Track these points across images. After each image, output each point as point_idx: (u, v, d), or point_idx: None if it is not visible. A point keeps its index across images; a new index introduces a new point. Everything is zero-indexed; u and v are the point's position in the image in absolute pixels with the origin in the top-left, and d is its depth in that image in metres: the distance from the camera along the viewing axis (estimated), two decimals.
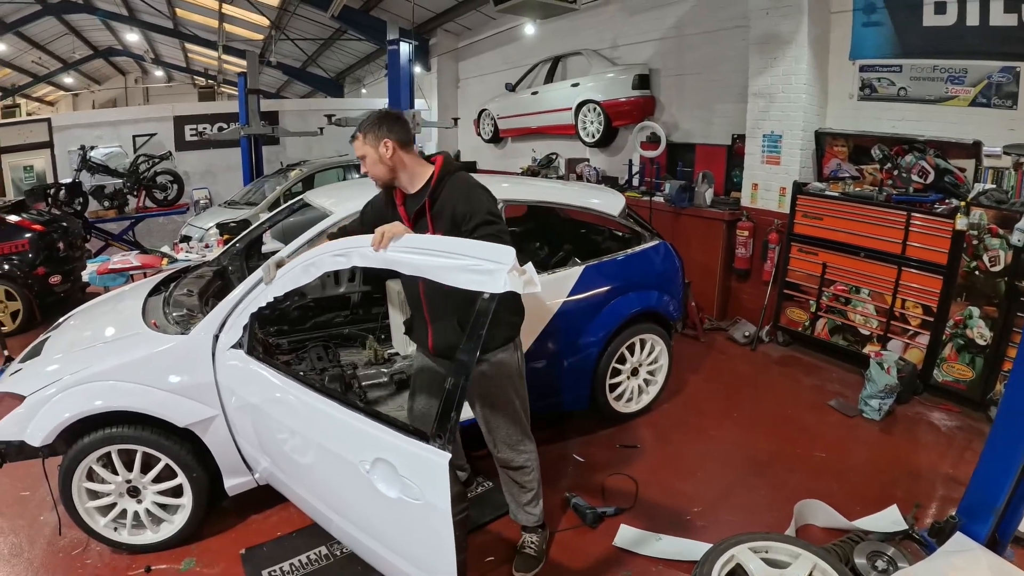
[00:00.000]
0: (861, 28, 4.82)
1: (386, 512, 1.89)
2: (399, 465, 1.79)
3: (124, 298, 3.59)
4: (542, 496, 2.67)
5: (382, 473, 1.85)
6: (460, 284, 1.75)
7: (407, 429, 1.84)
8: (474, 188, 2.32)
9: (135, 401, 2.57)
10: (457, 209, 2.22)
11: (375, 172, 2.32)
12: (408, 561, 1.92)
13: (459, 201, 2.23)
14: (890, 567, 2.40)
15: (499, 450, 2.53)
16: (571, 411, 3.77)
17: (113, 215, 8.88)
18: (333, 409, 2.07)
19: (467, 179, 2.37)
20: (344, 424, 2.00)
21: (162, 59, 20.45)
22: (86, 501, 2.65)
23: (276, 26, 12.55)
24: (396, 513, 1.85)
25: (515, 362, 2.50)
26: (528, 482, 2.59)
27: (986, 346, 3.94)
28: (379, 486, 1.85)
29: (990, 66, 4.14)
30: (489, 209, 2.23)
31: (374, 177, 2.34)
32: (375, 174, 2.32)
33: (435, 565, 1.78)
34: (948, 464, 3.49)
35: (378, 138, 2.26)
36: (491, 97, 9.69)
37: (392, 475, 1.81)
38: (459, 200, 2.24)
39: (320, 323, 4.41)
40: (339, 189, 4.31)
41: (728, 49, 5.99)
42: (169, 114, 11.01)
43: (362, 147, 2.30)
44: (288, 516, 2.98)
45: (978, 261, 3.93)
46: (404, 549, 1.93)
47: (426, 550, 1.82)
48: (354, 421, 1.97)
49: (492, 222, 2.17)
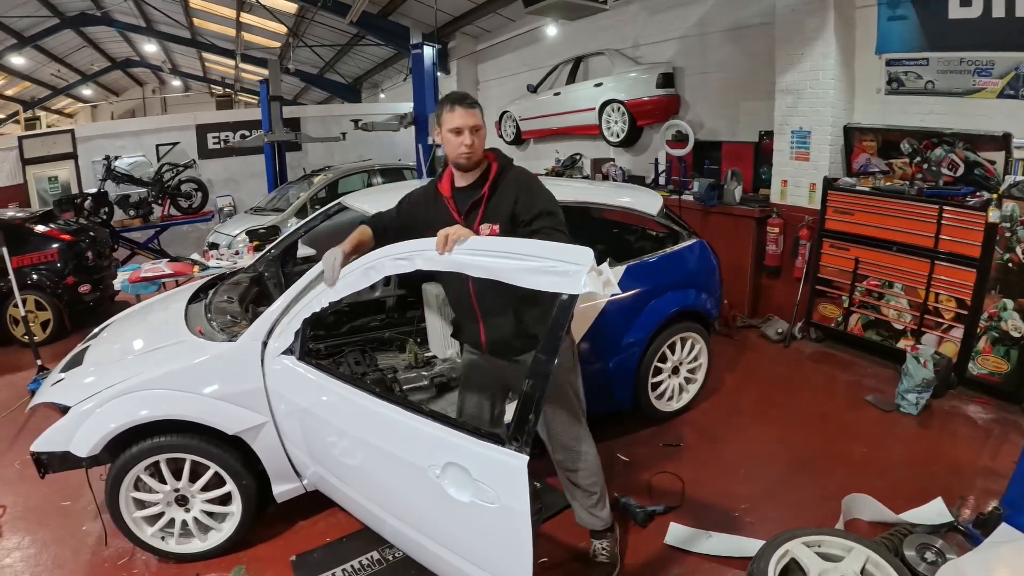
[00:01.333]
0: (886, 22, 4.79)
1: (455, 516, 1.90)
2: (473, 469, 1.80)
3: (163, 306, 3.63)
4: (608, 497, 2.57)
5: (454, 477, 1.86)
6: (536, 286, 1.74)
7: (479, 432, 1.86)
8: (534, 180, 2.30)
9: (184, 409, 2.58)
10: (518, 202, 2.19)
11: (478, 149, 2.23)
12: (476, 565, 1.93)
13: (521, 193, 2.20)
14: (939, 559, 2.40)
15: (556, 451, 2.45)
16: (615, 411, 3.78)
17: (139, 224, 9.02)
18: (399, 414, 2.08)
19: (526, 172, 2.34)
20: (412, 429, 2.01)
21: (179, 69, 20.67)
22: (133, 511, 2.65)
23: (294, 33, 12.67)
24: (467, 517, 1.86)
25: (569, 353, 2.44)
26: (591, 485, 2.48)
27: (1021, 338, 3.91)
28: (450, 491, 1.86)
29: (1017, 57, 4.10)
30: (549, 198, 2.21)
31: (473, 153, 2.22)
32: (477, 150, 2.23)
33: (508, 568, 1.80)
34: (986, 457, 3.49)
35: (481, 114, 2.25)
36: (512, 99, 9.71)
37: (465, 479, 1.82)
38: (521, 192, 2.21)
39: (356, 327, 4.43)
40: (379, 192, 4.32)
41: (752, 46, 5.97)
42: (191, 123, 11.13)
43: (480, 118, 2.24)
44: (336, 521, 2.99)
45: (1011, 253, 3.91)
46: (473, 552, 1.94)
47: (500, 553, 1.83)
48: (423, 426, 1.98)
49: (553, 213, 2.15)
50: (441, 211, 2.32)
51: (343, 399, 2.33)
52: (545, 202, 2.19)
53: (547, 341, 1.73)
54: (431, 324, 4.23)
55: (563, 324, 1.68)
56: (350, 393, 2.31)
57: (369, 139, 10.51)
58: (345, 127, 11.06)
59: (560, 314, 1.70)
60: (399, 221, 2.47)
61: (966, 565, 2.17)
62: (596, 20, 7.48)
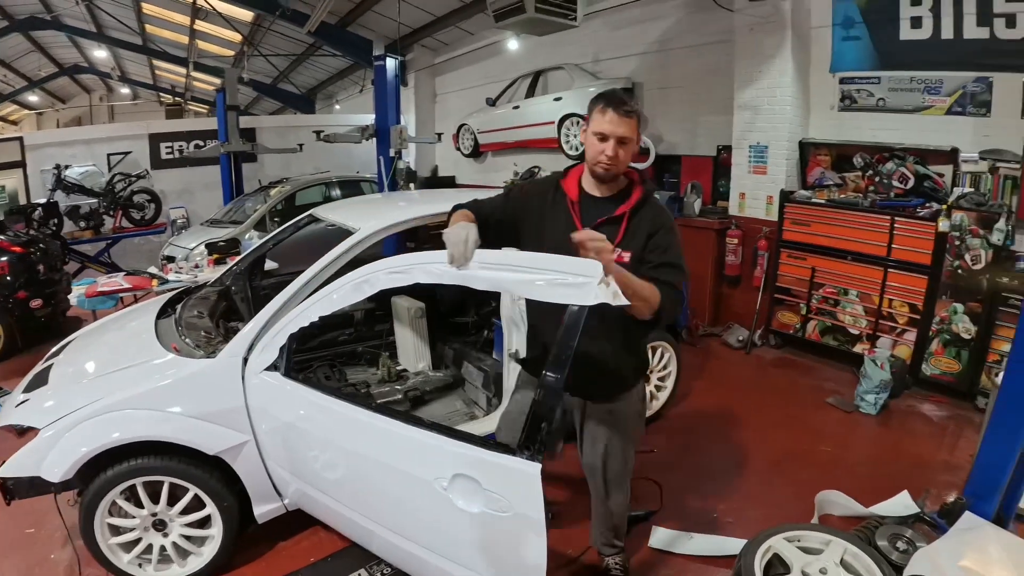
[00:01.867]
0: (841, 42, 5.06)
1: (463, 528, 1.90)
2: (483, 480, 1.80)
3: (130, 321, 3.49)
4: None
5: (462, 489, 1.86)
6: (549, 298, 1.75)
7: (486, 443, 1.86)
8: (673, 223, 2.12)
9: (162, 430, 2.48)
10: (653, 239, 2.02)
11: (621, 162, 2.02)
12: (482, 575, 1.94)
13: (659, 232, 2.03)
14: (910, 547, 2.53)
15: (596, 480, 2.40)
16: None
17: (90, 236, 8.63)
18: (403, 428, 2.06)
19: (666, 210, 2.17)
20: (418, 443, 2.00)
21: (129, 76, 20.00)
22: (108, 537, 2.53)
23: (249, 42, 12.44)
24: (477, 528, 1.86)
25: (641, 401, 2.39)
26: (620, 515, 2.51)
27: (971, 340, 4.17)
28: (458, 503, 1.86)
29: (965, 77, 4.40)
30: (680, 251, 2.06)
31: (614, 166, 2.01)
32: (619, 164, 2.02)
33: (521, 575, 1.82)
34: (944, 451, 3.70)
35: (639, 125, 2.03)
36: (471, 111, 9.76)
37: (475, 490, 1.82)
38: (659, 231, 2.03)
39: (325, 342, 4.36)
40: (352, 205, 4.26)
41: (712, 63, 6.19)
42: (144, 132, 10.76)
43: (634, 129, 2.01)
44: (319, 540, 2.94)
45: (961, 260, 4.16)
46: (481, 563, 1.94)
47: (512, 562, 1.84)
48: (429, 439, 1.97)
49: (680, 269, 2.02)
50: (560, 213, 2.12)
51: (339, 415, 2.29)
52: (678, 254, 2.03)
53: (559, 353, 1.73)
54: (401, 337, 4.21)
55: (575, 335, 1.69)
56: (347, 409, 2.28)
57: (326, 151, 10.40)
58: (302, 138, 10.84)
59: (571, 325, 1.71)
60: (504, 212, 2.19)
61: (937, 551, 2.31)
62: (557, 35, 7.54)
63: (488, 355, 3.87)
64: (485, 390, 3.68)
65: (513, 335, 3.17)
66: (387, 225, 3.05)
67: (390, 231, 3.08)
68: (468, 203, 2.19)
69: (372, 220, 3.05)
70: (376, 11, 9.42)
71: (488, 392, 3.65)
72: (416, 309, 4.05)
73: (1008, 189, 4.10)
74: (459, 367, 4.03)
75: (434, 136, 10.18)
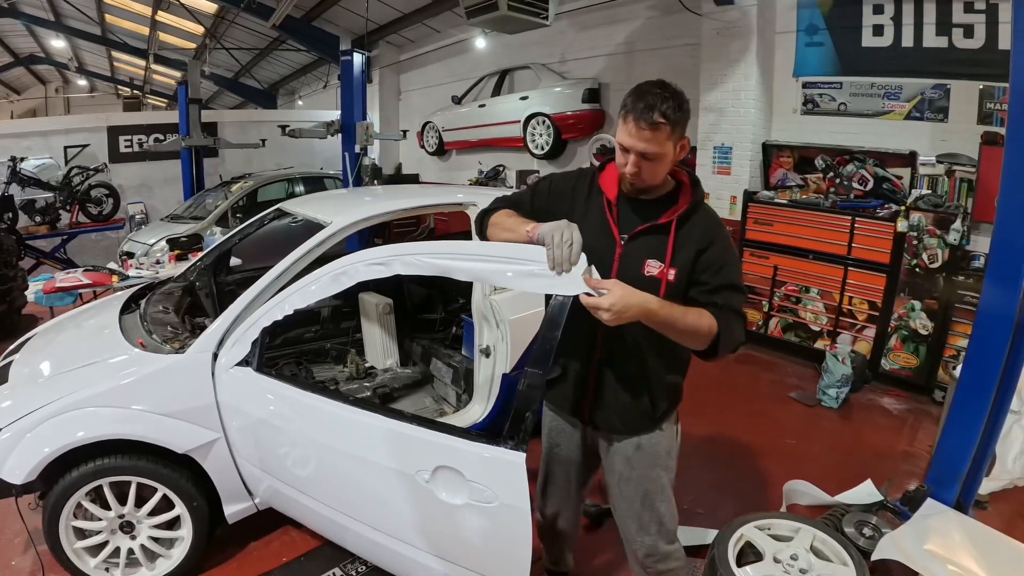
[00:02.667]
0: (804, 48, 5.22)
1: (447, 520, 1.89)
2: (467, 471, 1.79)
3: (92, 317, 3.37)
4: None
5: (445, 481, 1.85)
6: (528, 288, 1.70)
7: (468, 434, 1.86)
8: (727, 233, 1.79)
9: (130, 428, 2.41)
10: (705, 254, 1.70)
11: (647, 177, 1.67)
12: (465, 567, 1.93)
13: (713, 245, 1.70)
14: (876, 533, 2.63)
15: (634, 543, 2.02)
16: None
17: (45, 231, 8.33)
18: (380, 421, 2.04)
19: (719, 219, 1.81)
20: (398, 435, 1.98)
21: (86, 67, 19.32)
22: (74, 541, 2.45)
23: (212, 35, 12.15)
24: (461, 520, 1.85)
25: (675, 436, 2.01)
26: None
27: (928, 335, 4.34)
28: (441, 495, 1.85)
29: (923, 83, 4.60)
30: (740, 265, 1.81)
31: (639, 181, 1.68)
32: (646, 179, 1.68)
33: (503, 566, 1.81)
34: (904, 442, 3.85)
35: (682, 135, 1.65)
36: (436, 109, 9.75)
37: (458, 482, 1.81)
38: (713, 244, 1.71)
39: (290, 339, 4.30)
40: (322, 200, 4.21)
41: (678, 65, 6.29)
42: (103, 124, 10.39)
43: (663, 143, 1.60)
44: (290, 540, 2.90)
45: (918, 259, 4.32)
46: (464, 555, 1.93)
47: (496, 552, 1.84)
48: (410, 431, 1.95)
49: (740, 290, 1.74)
50: (594, 213, 1.79)
51: (315, 410, 2.26)
52: (736, 271, 1.74)
53: (541, 345, 1.70)
54: (369, 334, 4.17)
55: (558, 325, 1.65)
56: (323, 403, 2.24)
57: (289, 147, 10.28)
58: (264, 133, 10.69)
59: (554, 318, 1.67)
60: (533, 207, 1.89)
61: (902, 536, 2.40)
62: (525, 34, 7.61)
63: (457, 351, 3.86)
64: (454, 386, 3.68)
65: (484, 330, 3.17)
66: (360, 219, 3.04)
67: (362, 225, 3.07)
68: (499, 200, 1.95)
69: (345, 214, 3.02)
70: (343, 6, 9.30)
71: (457, 388, 3.64)
72: (384, 305, 4.02)
73: (964, 191, 4.30)
74: (428, 364, 4.02)
75: (399, 133, 10.13)
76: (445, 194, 3.80)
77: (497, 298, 3.09)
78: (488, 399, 3.16)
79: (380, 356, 4.10)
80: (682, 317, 1.61)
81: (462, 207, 3.40)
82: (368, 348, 4.20)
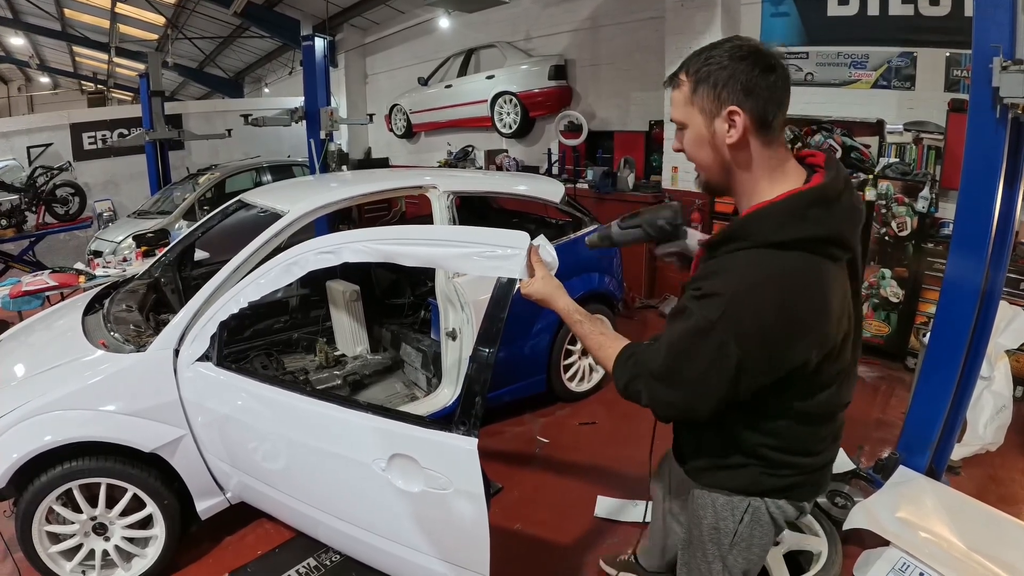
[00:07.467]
0: (770, 18, 5.19)
1: (405, 508, 1.89)
2: (421, 458, 1.79)
3: (56, 319, 3.33)
4: None
5: (401, 469, 1.85)
6: (477, 272, 1.72)
7: (424, 421, 1.86)
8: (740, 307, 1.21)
9: (95, 429, 2.40)
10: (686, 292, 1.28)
11: (693, 156, 1.30)
12: (427, 553, 1.93)
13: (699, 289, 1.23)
14: (848, 502, 2.66)
15: None
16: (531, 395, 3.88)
17: (12, 234, 8.11)
18: (338, 411, 2.03)
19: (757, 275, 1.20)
20: (353, 425, 1.97)
21: (48, 64, 18.81)
22: (48, 546, 2.44)
23: (173, 25, 11.86)
24: (418, 507, 1.85)
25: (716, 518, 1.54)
26: None
27: (899, 303, 4.37)
28: (398, 483, 1.85)
29: (890, 52, 4.58)
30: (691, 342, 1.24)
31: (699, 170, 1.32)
32: (693, 158, 1.31)
33: (465, 551, 1.81)
34: (877, 410, 3.88)
35: (720, 99, 1.19)
36: (403, 92, 9.65)
37: (414, 469, 1.81)
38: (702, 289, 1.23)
39: (259, 331, 4.26)
40: (283, 188, 4.16)
41: (643, 39, 6.26)
42: (65, 122, 10.11)
43: (681, 106, 1.26)
44: (264, 533, 2.89)
45: (887, 228, 4.34)
46: (424, 541, 1.93)
47: (455, 537, 1.84)
48: (364, 420, 1.95)
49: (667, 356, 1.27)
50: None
51: (273, 402, 2.24)
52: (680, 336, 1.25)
53: (488, 327, 1.72)
54: (338, 322, 4.15)
55: (504, 307, 1.68)
56: (280, 395, 2.23)
57: (255, 136, 10.13)
58: (230, 123, 10.51)
59: (499, 298, 1.71)
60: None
61: (874, 504, 2.42)
62: (488, 13, 7.59)
63: (426, 335, 3.86)
64: (424, 371, 3.69)
65: (450, 314, 3.16)
66: (317, 207, 3.02)
67: (320, 212, 3.05)
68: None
69: (301, 202, 3.02)
70: None
71: (427, 372, 3.65)
72: (351, 292, 4.01)
73: (932, 159, 4.31)
74: (397, 349, 4.03)
75: (366, 117, 10.00)
76: (407, 178, 3.81)
77: (460, 280, 3.09)
78: (457, 382, 3.18)
79: (350, 344, 4.09)
80: (589, 334, 1.45)
81: (422, 190, 3.39)
82: (338, 336, 4.19)
